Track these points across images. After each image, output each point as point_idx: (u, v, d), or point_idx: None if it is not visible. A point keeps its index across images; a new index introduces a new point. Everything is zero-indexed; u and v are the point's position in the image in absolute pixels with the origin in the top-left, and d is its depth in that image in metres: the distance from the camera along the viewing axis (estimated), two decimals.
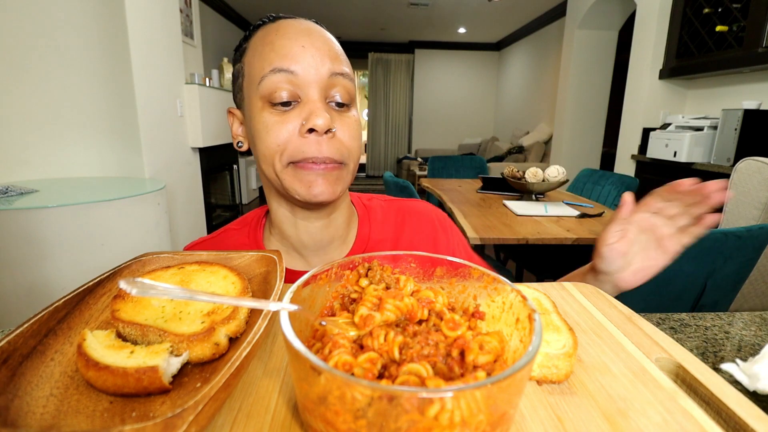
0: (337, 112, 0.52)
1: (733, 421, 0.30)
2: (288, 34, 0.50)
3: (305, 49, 0.49)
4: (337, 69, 0.51)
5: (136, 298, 0.35)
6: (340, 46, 0.55)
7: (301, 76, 0.49)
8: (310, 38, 0.50)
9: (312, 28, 0.52)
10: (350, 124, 0.53)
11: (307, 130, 0.49)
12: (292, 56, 0.49)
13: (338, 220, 0.60)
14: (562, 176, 1.86)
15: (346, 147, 0.52)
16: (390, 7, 5.43)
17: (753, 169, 1.51)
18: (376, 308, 0.32)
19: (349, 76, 0.53)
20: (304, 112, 0.49)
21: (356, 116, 0.54)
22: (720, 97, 2.74)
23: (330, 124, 0.49)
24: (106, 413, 0.26)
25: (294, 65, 0.49)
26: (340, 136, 0.51)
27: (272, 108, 0.50)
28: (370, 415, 0.22)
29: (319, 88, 0.50)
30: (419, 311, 0.32)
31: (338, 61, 0.52)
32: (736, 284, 1.13)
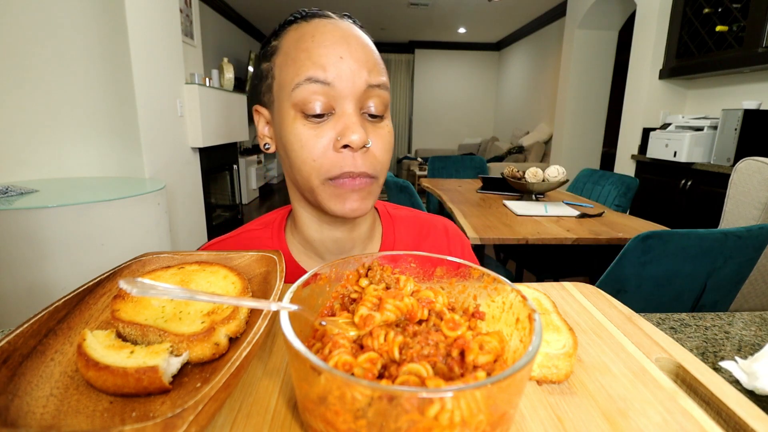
0: (371, 124, 0.51)
1: (733, 421, 0.30)
2: (325, 41, 0.48)
3: (343, 59, 0.47)
4: (374, 80, 0.49)
5: (136, 298, 0.35)
6: (376, 50, 0.52)
7: (338, 87, 0.47)
8: (348, 47, 0.48)
9: (350, 33, 0.50)
10: (384, 136, 0.51)
11: (342, 146, 0.47)
12: (329, 66, 0.47)
13: (362, 226, 0.60)
14: (562, 176, 1.87)
15: (379, 161, 0.51)
16: (390, 7, 5.43)
17: (753, 169, 1.51)
18: (376, 308, 0.32)
19: (385, 86, 0.51)
20: (338, 125, 0.48)
21: (390, 127, 0.53)
22: (720, 97, 2.74)
23: (365, 139, 0.47)
24: (106, 413, 0.26)
25: (330, 76, 0.47)
26: (374, 149, 0.50)
27: (305, 119, 0.48)
28: (370, 415, 0.22)
29: (355, 100, 0.48)
30: (419, 311, 0.32)
31: (375, 71, 0.50)
32: (736, 284, 1.13)
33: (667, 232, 0.99)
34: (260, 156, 5.73)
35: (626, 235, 1.40)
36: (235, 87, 4.29)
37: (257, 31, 6.63)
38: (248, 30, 6.23)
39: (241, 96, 4.15)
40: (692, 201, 2.46)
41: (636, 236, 1.00)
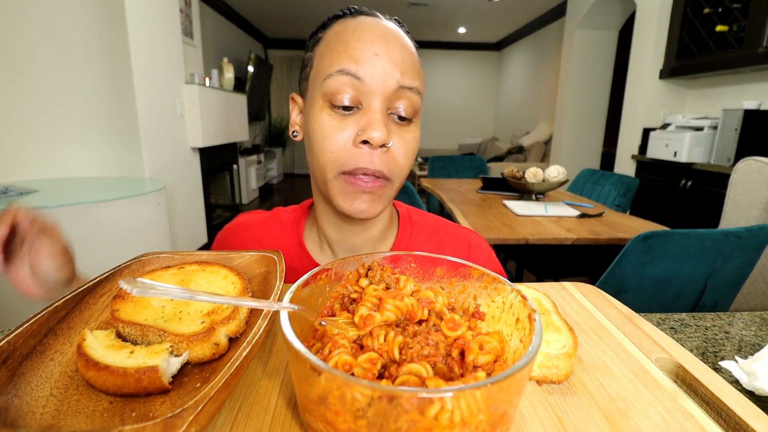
0: (398, 126, 0.50)
1: (733, 421, 0.30)
2: (364, 36, 0.48)
3: (378, 57, 0.47)
4: (406, 82, 0.49)
5: (136, 298, 0.35)
6: (416, 53, 0.52)
7: (368, 83, 0.47)
8: (386, 45, 0.48)
9: (391, 33, 0.50)
10: (408, 140, 0.51)
11: (361, 141, 0.48)
12: (363, 61, 0.47)
13: (376, 227, 0.60)
14: (562, 176, 1.86)
15: (397, 164, 0.50)
16: (390, 7, 5.43)
17: (753, 169, 1.51)
18: (376, 308, 0.32)
19: (417, 90, 0.50)
20: (362, 121, 0.48)
21: (416, 133, 0.52)
22: (720, 97, 2.74)
23: (386, 138, 0.47)
24: (106, 413, 0.26)
25: (362, 71, 0.47)
26: (395, 152, 0.50)
27: (332, 110, 0.49)
28: (370, 415, 0.22)
29: (384, 98, 0.48)
30: (419, 311, 0.32)
31: (409, 73, 0.49)
32: (736, 284, 1.13)
33: (667, 232, 0.99)
34: (260, 156, 5.73)
35: (626, 235, 1.40)
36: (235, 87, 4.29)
37: (257, 31, 6.63)
38: (248, 30, 6.23)
39: (241, 96, 4.15)
40: (692, 201, 2.46)
41: (636, 236, 1.00)
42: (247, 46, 6.20)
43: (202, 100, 3.10)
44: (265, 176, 6.10)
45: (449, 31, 6.63)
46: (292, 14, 5.71)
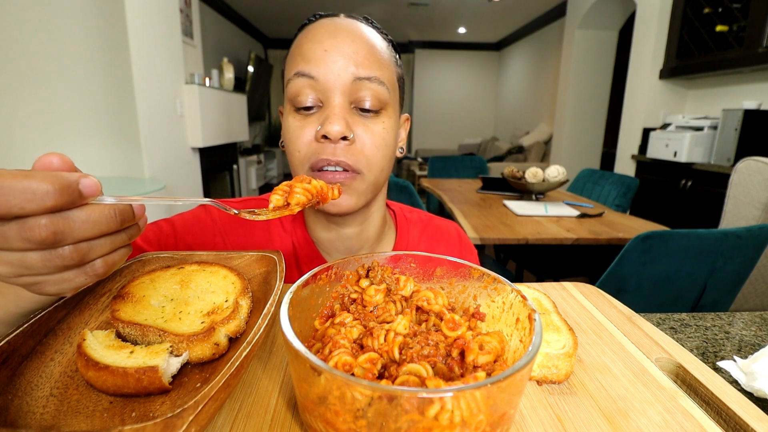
0: (363, 118, 0.50)
1: (733, 421, 0.30)
2: (315, 36, 0.49)
3: (327, 53, 0.47)
4: (363, 73, 0.48)
5: (137, 298, 0.35)
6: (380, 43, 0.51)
7: (322, 81, 0.48)
8: (335, 40, 0.48)
9: (341, 28, 0.49)
10: (376, 132, 0.50)
11: (321, 136, 0.48)
12: (315, 60, 0.47)
13: (370, 227, 0.60)
14: (562, 176, 1.86)
15: (365, 155, 0.49)
16: (390, 7, 5.43)
17: (753, 169, 1.51)
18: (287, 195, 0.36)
19: (378, 80, 0.49)
20: (322, 117, 0.48)
21: (386, 125, 0.51)
22: (720, 97, 2.74)
23: (344, 131, 0.47)
24: (106, 413, 0.26)
25: (315, 70, 0.47)
26: (360, 144, 0.49)
27: (296, 112, 0.50)
28: (370, 415, 0.22)
29: (342, 93, 0.48)
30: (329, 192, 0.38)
31: (366, 64, 0.48)
32: (736, 284, 1.13)
33: (667, 232, 0.99)
34: (260, 156, 5.73)
35: (626, 235, 1.40)
36: (235, 87, 4.29)
37: (257, 31, 6.63)
38: (248, 30, 6.23)
39: (241, 96, 4.15)
40: (692, 201, 2.46)
41: (636, 236, 1.00)
42: (247, 46, 6.20)
43: (202, 100, 3.10)
44: (265, 176, 6.10)
45: (449, 31, 6.63)
46: (292, 14, 5.71)
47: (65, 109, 2.28)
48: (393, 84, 0.52)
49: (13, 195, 0.23)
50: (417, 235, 0.66)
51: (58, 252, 0.25)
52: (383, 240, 0.64)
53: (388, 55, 0.52)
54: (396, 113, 0.53)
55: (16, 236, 0.24)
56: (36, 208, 0.24)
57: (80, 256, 0.26)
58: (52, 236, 0.24)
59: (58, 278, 0.27)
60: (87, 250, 0.27)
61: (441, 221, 0.71)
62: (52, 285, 0.27)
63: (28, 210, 0.23)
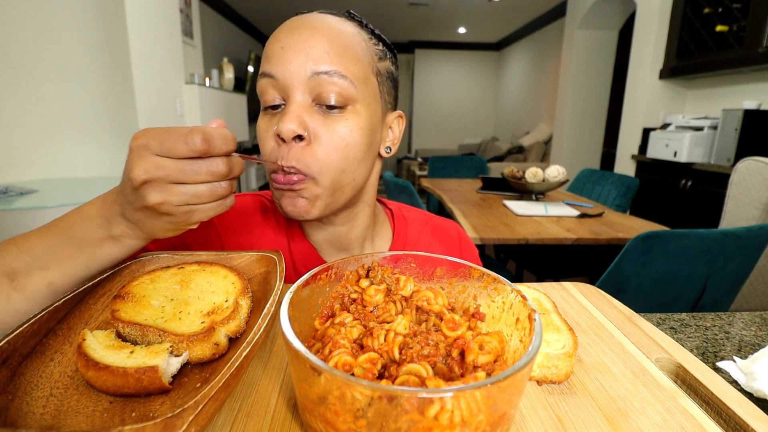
0: (324, 116, 0.47)
1: (733, 421, 0.30)
2: (276, 35, 0.48)
3: (284, 50, 0.46)
4: (321, 68, 0.46)
5: (136, 298, 0.35)
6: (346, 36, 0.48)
7: (281, 79, 0.46)
8: (291, 37, 0.47)
9: (302, 24, 0.48)
10: (336, 131, 0.47)
11: (276, 136, 0.46)
12: (274, 59, 0.47)
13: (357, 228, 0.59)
14: (562, 176, 1.86)
15: (316, 159, 0.46)
16: (390, 7, 5.43)
17: (753, 169, 1.51)
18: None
19: (339, 74, 0.46)
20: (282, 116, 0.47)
21: (350, 122, 0.48)
22: (720, 97, 2.74)
23: (299, 129, 0.45)
24: (106, 413, 0.26)
25: (274, 69, 0.47)
26: (317, 146, 0.47)
27: (264, 112, 0.50)
28: (370, 415, 0.22)
29: (302, 90, 0.46)
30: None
31: (325, 58, 0.46)
32: (736, 284, 1.13)
33: (667, 232, 0.99)
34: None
35: (626, 235, 1.40)
36: (235, 87, 4.29)
37: (257, 31, 6.63)
38: (248, 30, 6.23)
39: (241, 96, 4.15)
40: (692, 201, 2.46)
41: (636, 236, 1.00)
42: (247, 46, 6.20)
43: (202, 100, 3.10)
44: (265, 176, 6.10)
45: (449, 31, 6.63)
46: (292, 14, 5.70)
47: (65, 109, 2.28)
48: (363, 78, 0.49)
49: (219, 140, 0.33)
50: (416, 234, 0.66)
51: (222, 184, 0.34)
52: (377, 238, 0.64)
53: (361, 47, 0.49)
54: (369, 109, 0.50)
55: (206, 171, 0.33)
56: (224, 151, 0.33)
57: (230, 189, 0.35)
58: (228, 172, 0.34)
59: (208, 207, 0.35)
60: (232, 186, 0.36)
61: (441, 220, 0.71)
62: (201, 213, 0.35)
63: (222, 151, 0.33)
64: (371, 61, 0.50)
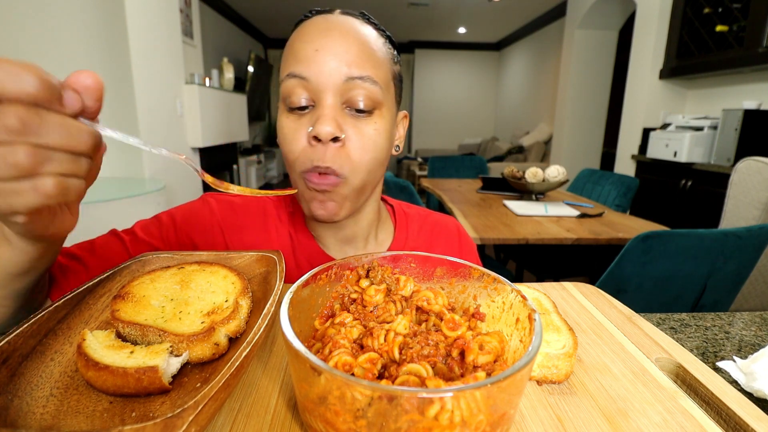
0: (355, 119, 0.49)
1: (733, 421, 0.30)
2: (306, 36, 0.48)
3: (318, 52, 0.47)
4: (356, 73, 0.47)
5: (137, 298, 0.35)
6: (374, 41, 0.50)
7: (314, 81, 0.47)
8: (326, 39, 0.47)
9: (334, 26, 0.48)
10: (366, 133, 0.49)
11: (313, 137, 0.47)
12: (306, 60, 0.47)
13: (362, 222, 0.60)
14: (562, 176, 1.86)
15: (352, 160, 0.49)
16: (390, 7, 5.43)
17: (753, 169, 1.51)
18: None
19: (371, 79, 0.48)
20: (314, 117, 0.48)
21: (378, 125, 0.50)
22: (720, 97, 2.74)
23: (335, 132, 0.46)
24: (106, 413, 0.26)
25: (306, 71, 0.47)
26: (349, 147, 0.48)
27: (290, 112, 0.49)
28: (370, 415, 0.22)
29: (334, 93, 0.47)
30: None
31: (358, 63, 0.48)
32: (736, 284, 1.13)
33: (667, 232, 0.99)
34: (260, 156, 5.73)
35: (626, 235, 1.40)
36: (235, 87, 4.29)
37: (257, 31, 6.63)
38: (248, 30, 6.23)
39: (241, 96, 4.15)
40: (692, 201, 2.46)
41: (636, 236, 1.00)
42: (247, 46, 6.20)
43: (202, 100, 3.10)
44: (265, 176, 6.10)
45: (449, 31, 6.63)
46: (292, 14, 5.71)
47: None
48: (387, 82, 0.51)
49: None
50: (416, 230, 0.67)
51: (16, 149, 0.23)
52: (380, 234, 0.64)
53: (383, 52, 0.51)
54: (391, 112, 0.52)
55: None
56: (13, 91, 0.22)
57: (36, 162, 0.24)
58: (20, 125, 0.23)
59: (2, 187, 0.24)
60: (45, 159, 0.24)
61: (439, 216, 0.71)
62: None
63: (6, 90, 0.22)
64: (391, 65, 0.52)
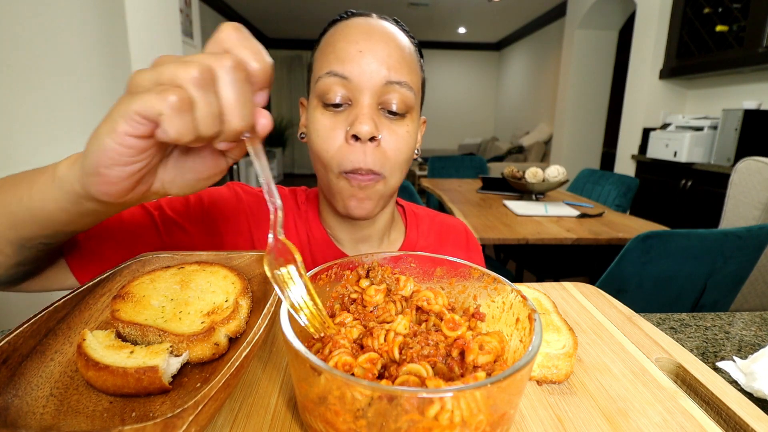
0: (389, 120, 0.50)
1: (733, 421, 0.30)
2: (349, 35, 0.49)
3: (362, 54, 0.48)
4: (394, 77, 0.49)
5: (136, 298, 0.35)
6: (409, 48, 0.52)
7: (355, 81, 0.48)
8: (369, 42, 0.49)
9: (378, 29, 0.50)
10: (400, 135, 0.51)
11: (351, 136, 0.48)
12: (348, 60, 0.48)
13: (380, 221, 0.62)
14: (562, 176, 1.86)
15: (388, 159, 0.50)
16: (390, 7, 5.43)
17: (753, 169, 1.51)
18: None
19: (407, 85, 0.50)
20: (351, 116, 0.49)
21: (409, 128, 0.52)
22: (720, 97, 2.74)
23: (374, 131, 0.48)
24: (106, 413, 0.26)
25: (348, 70, 0.48)
26: (385, 146, 0.50)
27: (324, 108, 0.50)
28: (370, 415, 0.22)
29: (372, 94, 0.49)
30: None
31: (397, 68, 0.49)
32: (736, 284, 1.13)
33: (667, 232, 0.99)
34: None
35: (626, 235, 1.40)
36: None
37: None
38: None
39: None
40: (692, 201, 2.46)
41: (636, 236, 1.00)
42: None
43: None
44: None
45: (449, 31, 6.63)
46: (292, 14, 5.71)
47: (65, 109, 2.28)
48: (418, 89, 0.53)
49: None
50: (426, 230, 0.68)
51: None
52: (392, 233, 0.66)
53: (415, 59, 0.53)
54: (418, 117, 0.54)
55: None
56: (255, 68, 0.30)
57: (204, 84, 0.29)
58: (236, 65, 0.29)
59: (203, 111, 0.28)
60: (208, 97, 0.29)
61: (447, 218, 0.72)
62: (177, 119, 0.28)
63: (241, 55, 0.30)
64: (420, 72, 0.54)
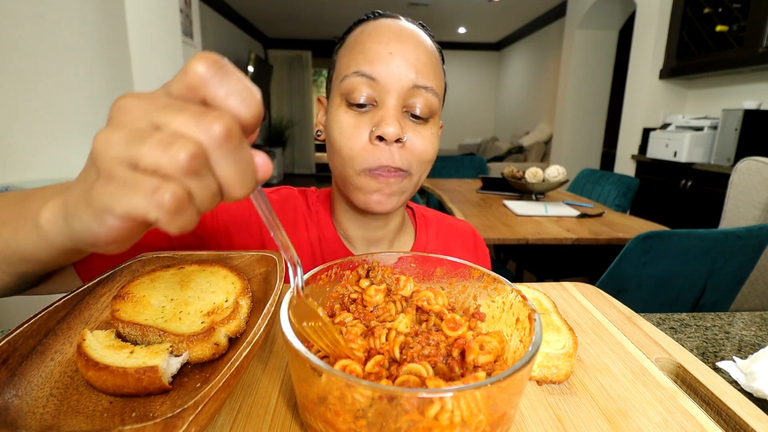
0: (413, 123, 0.51)
1: (733, 421, 0.30)
2: (379, 36, 0.49)
3: (392, 56, 0.48)
4: (421, 82, 0.49)
5: (137, 298, 0.35)
6: (436, 53, 0.53)
7: (382, 82, 0.48)
8: (399, 44, 0.49)
9: (407, 32, 0.50)
10: (425, 136, 0.51)
11: (376, 137, 0.48)
12: (377, 61, 0.48)
13: (392, 222, 0.62)
14: (562, 176, 1.86)
15: (415, 156, 0.51)
16: (390, 7, 5.43)
17: (753, 169, 1.51)
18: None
19: (433, 90, 0.50)
20: (376, 117, 0.49)
21: (432, 132, 0.52)
22: (720, 97, 2.74)
23: (400, 133, 0.48)
24: (106, 413, 0.26)
25: (376, 71, 0.48)
26: (410, 145, 0.50)
27: (348, 108, 0.50)
28: (371, 415, 0.22)
29: (398, 96, 0.49)
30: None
31: (425, 73, 0.49)
32: (736, 284, 1.13)
33: (667, 232, 0.99)
34: None
35: (626, 235, 1.40)
36: None
37: (257, 31, 6.63)
38: (248, 30, 6.23)
39: None
40: (692, 201, 2.46)
41: (636, 236, 1.00)
42: (247, 46, 6.20)
43: None
44: None
45: (449, 31, 6.63)
46: (292, 14, 5.71)
47: (65, 110, 2.28)
48: (442, 94, 0.54)
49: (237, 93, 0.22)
50: (435, 233, 0.68)
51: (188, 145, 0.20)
52: (402, 236, 0.66)
53: (440, 65, 0.54)
54: (439, 121, 0.55)
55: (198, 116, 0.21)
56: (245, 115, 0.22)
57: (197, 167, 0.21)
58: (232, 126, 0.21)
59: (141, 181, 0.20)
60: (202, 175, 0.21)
61: (455, 220, 0.72)
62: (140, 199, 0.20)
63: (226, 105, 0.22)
64: (444, 78, 0.55)
